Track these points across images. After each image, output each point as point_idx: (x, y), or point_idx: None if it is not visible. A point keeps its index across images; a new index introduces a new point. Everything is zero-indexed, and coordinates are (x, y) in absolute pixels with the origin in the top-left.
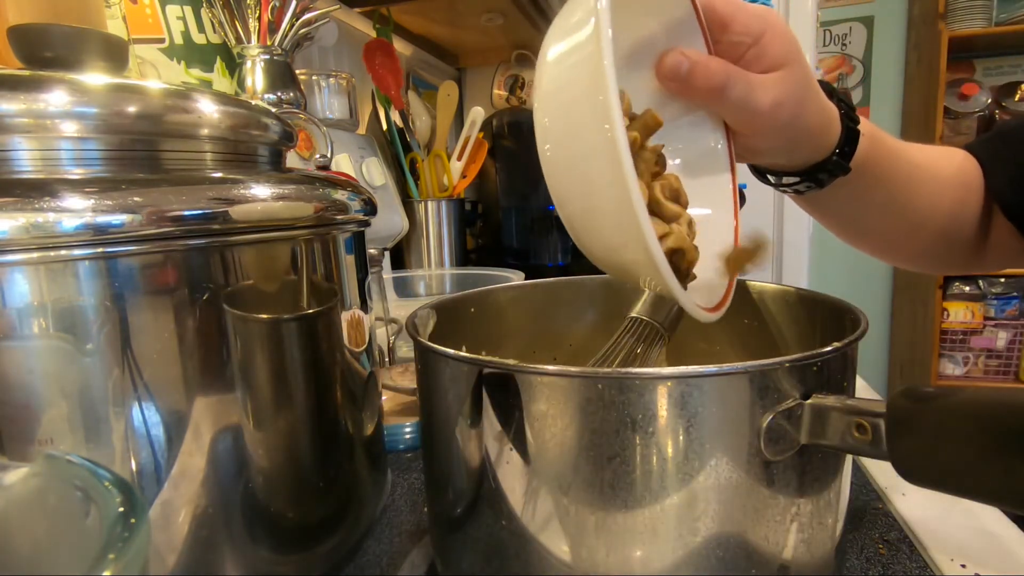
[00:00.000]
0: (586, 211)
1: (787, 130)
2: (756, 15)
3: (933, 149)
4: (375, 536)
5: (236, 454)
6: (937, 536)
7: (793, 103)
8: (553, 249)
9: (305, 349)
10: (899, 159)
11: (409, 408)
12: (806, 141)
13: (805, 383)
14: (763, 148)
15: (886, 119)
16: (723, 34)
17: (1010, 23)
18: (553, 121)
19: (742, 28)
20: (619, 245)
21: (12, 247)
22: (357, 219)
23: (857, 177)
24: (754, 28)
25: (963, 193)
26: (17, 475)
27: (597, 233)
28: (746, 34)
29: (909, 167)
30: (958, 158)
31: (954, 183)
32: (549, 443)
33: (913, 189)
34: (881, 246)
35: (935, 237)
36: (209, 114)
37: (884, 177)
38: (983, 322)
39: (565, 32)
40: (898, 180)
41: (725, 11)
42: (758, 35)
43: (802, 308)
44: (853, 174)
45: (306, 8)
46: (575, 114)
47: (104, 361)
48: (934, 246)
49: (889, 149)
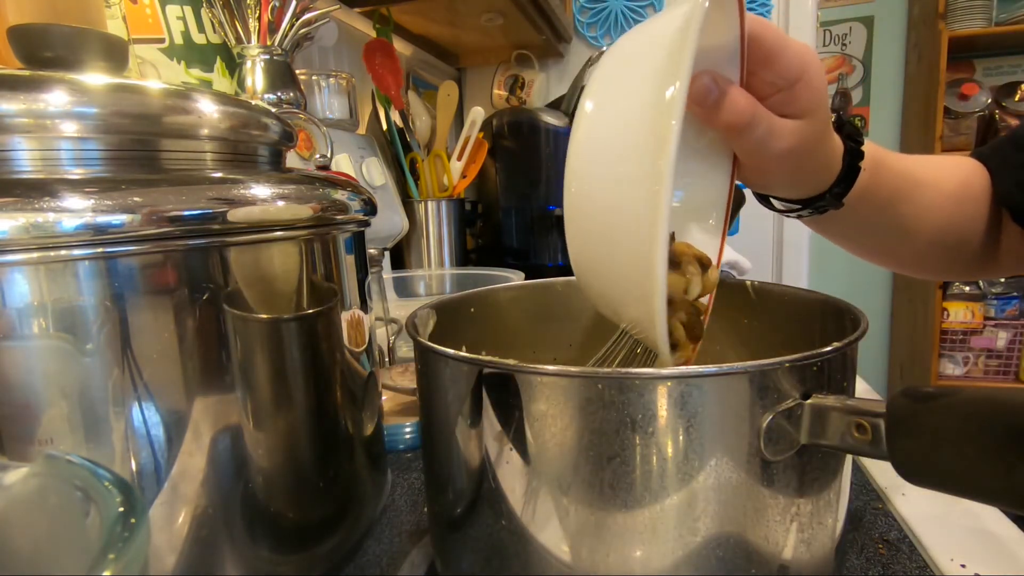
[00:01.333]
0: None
1: (791, 173)
2: (798, 56)
3: (939, 162)
4: (375, 536)
5: (236, 454)
6: (937, 536)
7: (804, 151)
8: (553, 249)
9: (305, 349)
10: (903, 180)
11: (409, 408)
12: (806, 180)
13: (805, 383)
14: (762, 182)
15: (886, 119)
16: (762, 69)
17: (1010, 23)
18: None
19: (782, 70)
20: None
21: (12, 247)
22: (357, 219)
23: (856, 203)
24: (793, 72)
25: (969, 205)
26: (17, 475)
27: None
28: (784, 77)
29: (911, 186)
30: (965, 169)
31: (957, 195)
32: (549, 443)
33: (914, 207)
34: (879, 256)
35: (934, 247)
36: (209, 114)
37: (885, 202)
38: (983, 322)
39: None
40: (899, 202)
41: (772, 46)
42: (794, 81)
43: (802, 308)
44: (853, 201)
45: (306, 8)
46: (622, 164)
47: (104, 361)
48: (935, 255)
49: (893, 172)
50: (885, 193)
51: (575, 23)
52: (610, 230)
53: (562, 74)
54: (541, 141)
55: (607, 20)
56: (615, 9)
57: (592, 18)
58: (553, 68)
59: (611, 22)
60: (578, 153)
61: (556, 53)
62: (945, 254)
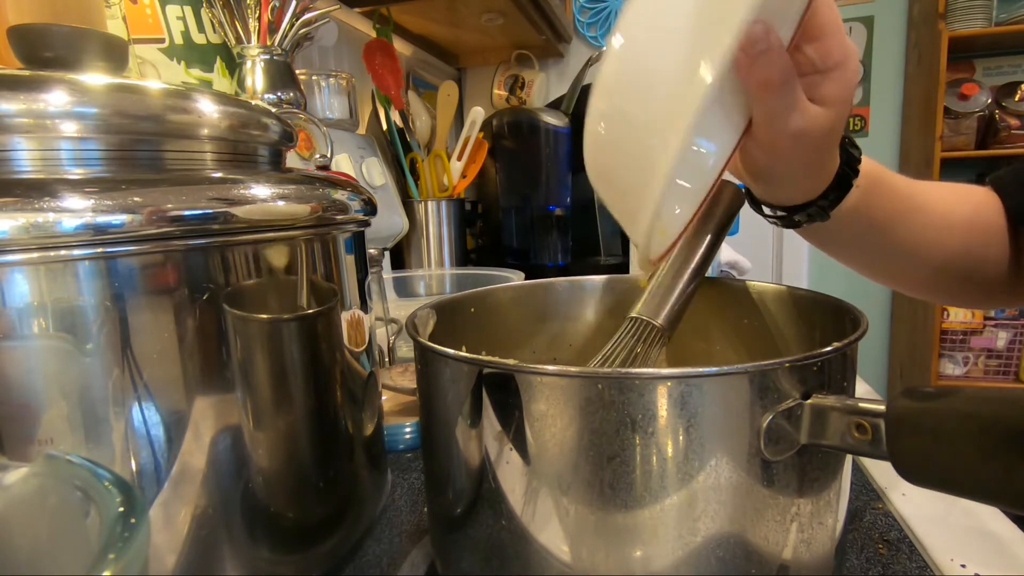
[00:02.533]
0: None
1: (797, 160)
2: (842, 45)
3: (948, 189)
4: (375, 536)
5: (236, 454)
6: (937, 536)
7: (816, 140)
8: (553, 249)
9: (305, 349)
10: (904, 202)
11: (409, 408)
12: (806, 176)
13: (805, 383)
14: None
15: (886, 119)
16: (806, 44)
17: (1010, 23)
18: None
19: (827, 52)
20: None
21: (12, 247)
22: (357, 219)
23: (852, 218)
24: (833, 57)
25: (979, 234)
26: (17, 475)
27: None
28: (825, 60)
29: (912, 209)
30: (976, 197)
31: (968, 222)
32: (549, 443)
33: (917, 232)
34: (889, 278)
35: (944, 273)
36: (209, 114)
37: (883, 222)
38: (983, 322)
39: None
40: (899, 224)
41: (825, 23)
42: (831, 67)
43: (802, 308)
44: (848, 215)
45: (306, 8)
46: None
47: (104, 361)
48: (946, 281)
49: (894, 192)
50: (882, 213)
51: (575, 23)
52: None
53: (562, 74)
54: (541, 141)
55: (607, 20)
56: (615, 9)
57: (592, 18)
58: (553, 68)
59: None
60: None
61: (556, 53)
62: (958, 281)
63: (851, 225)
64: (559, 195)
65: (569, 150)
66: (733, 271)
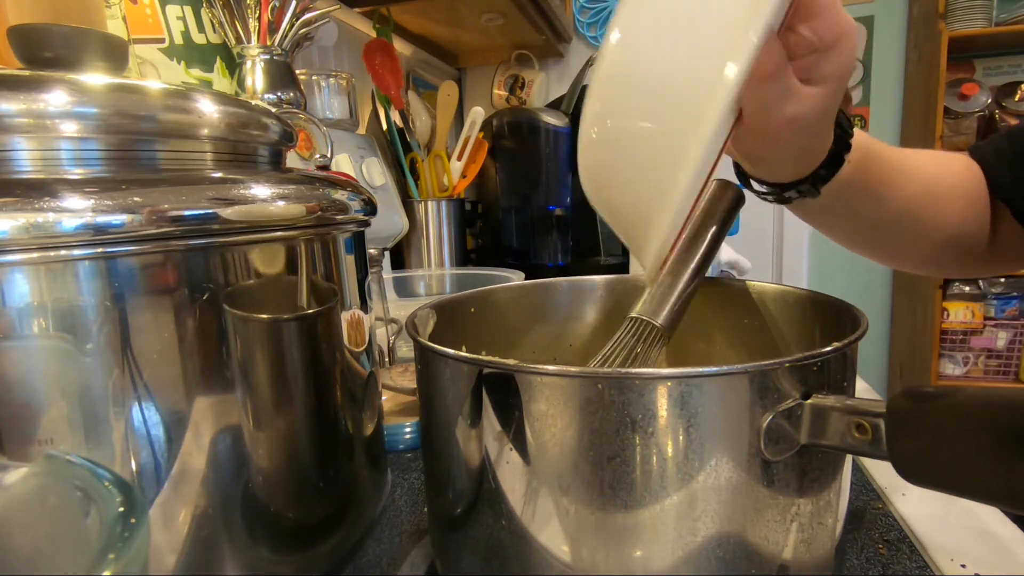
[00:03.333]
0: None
1: (789, 142)
2: (837, 23)
3: (929, 156)
4: (375, 536)
5: (236, 454)
6: (937, 536)
7: (811, 122)
8: (553, 249)
9: (305, 349)
10: (896, 175)
11: (409, 408)
12: (799, 156)
13: (805, 383)
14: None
15: (886, 119)
16: (799, 24)
17: (1010, 23)
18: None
19: (820, 31)
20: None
21: (12, 247)
22: (357, 219)
23: (845, 191)
24: (828, 37)
25: (965, 203)
26: (17, 475)
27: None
28: (819, 39)
29: (902, 179)
30: (956, 165)
31: (951, 190)
32: (549, 443)
33: (913, 204)
34: (881, 255)
35: (939, 247)
36: (209, 114)
37: (875, 192)
38: (983, 322)
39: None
40: (892, 196)
41: (821, 4)
42: (826, 47)
43: (802, 308)
44: (840, 193)
45: (306, 8)
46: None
47: (104, 361)
48: (938, 255)
49: (883, 162)
50: (872, 183)
51: (575, 23)
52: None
53: (562, 74)
54: (541, 141)
55: (607, 20)
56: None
57: (592, 18)
58: (553, 68)
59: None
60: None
61: (556, 53)
62: (941, 249)
63: (842, 198)
64: (559, 195)
65: (569, 150)
66: (733, 271)
